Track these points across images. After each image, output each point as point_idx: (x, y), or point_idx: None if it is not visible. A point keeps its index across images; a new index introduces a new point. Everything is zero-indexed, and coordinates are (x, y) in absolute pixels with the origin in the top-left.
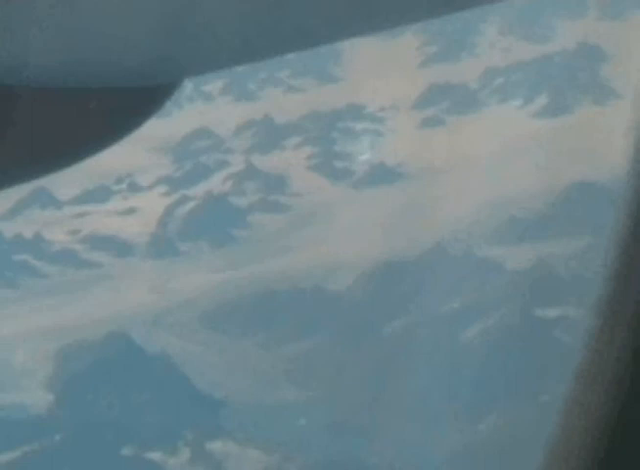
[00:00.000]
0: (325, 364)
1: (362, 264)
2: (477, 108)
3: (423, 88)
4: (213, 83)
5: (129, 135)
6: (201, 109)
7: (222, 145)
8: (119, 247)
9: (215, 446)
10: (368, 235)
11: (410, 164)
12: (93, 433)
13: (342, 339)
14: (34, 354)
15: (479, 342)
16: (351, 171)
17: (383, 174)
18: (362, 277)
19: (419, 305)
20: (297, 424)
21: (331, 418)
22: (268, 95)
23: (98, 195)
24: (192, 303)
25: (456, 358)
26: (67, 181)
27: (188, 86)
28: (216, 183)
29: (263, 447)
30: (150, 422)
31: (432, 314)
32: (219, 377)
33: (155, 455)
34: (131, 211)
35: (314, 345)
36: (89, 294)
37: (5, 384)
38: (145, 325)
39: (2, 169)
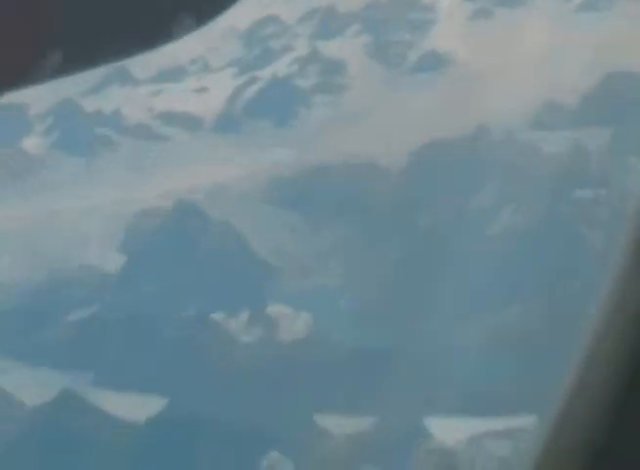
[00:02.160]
0: (364, 246)
1: (411, 144)
2: (524, 1)
3: None
4: None
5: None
6: None
7: (288, 31)
8: (191, 123)
9: (271, 309)
10: (417, 117)
11: (459, 53)
12: (160, 294)
13: (380, 224)
14: (109, 221)
15: (515, 221)
16: (405, 58)
17: (433, 61)
18: (410, 156)
19: (460, 184)
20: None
21: (367, 296)
22: None
23: (173, 75)
24: (254, 176)
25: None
26: (144, 62)
27: None
28: (282, 66)
29: (312, 312)
30: (213, 285)
31: (463, 203)
32: (275, 246)
33: (217, 316)
34: (203, 90)
35: (357, 225)
36: (161, 165)
37: (81, 247)
38: (211, 195)
39: (88, 51)
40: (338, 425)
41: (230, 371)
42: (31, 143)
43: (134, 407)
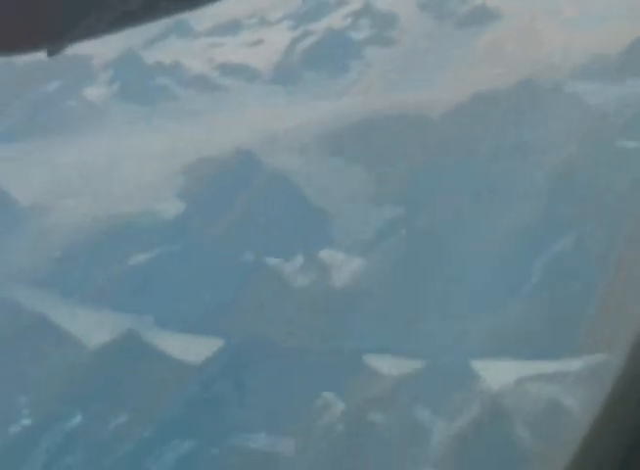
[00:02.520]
0: (416, 185)
1: (459, 95)
2: None
3: None
4: None
5: None
6: None
7: None
8: (248, 74)
9: (324, 253)
10: (465, 69)
11: (508, 7)
12: (217, 239)
13: (434, 167)
14: (169, 168)
15: (560, 168)
16: (455, 12)
17: (483, 15)
18: (459, 106)
19: (507, 134)
20: (396, 237)
21: (419, 234)
22: None
23: (230, 28)
24: (309, 125)
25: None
26: (202, 15)
27: None
28: (336, 19)
29: (365, 256)
30: (268, 230)
31: (517, 142)
32: (328, 193)
33: (272, 261)
34: (260, 42)
35: (409, 167)
36: (219, 114)
37: (141, 194)
38: (266, 143)
39: (149, 4)
40: (387, 367)
41: (284, 313)
42: (94, 92)
43: (191, 348)
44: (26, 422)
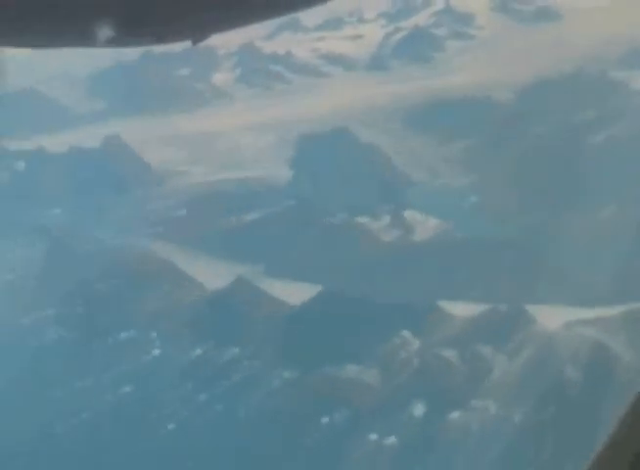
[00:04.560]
0: (486, 158)
1: (522, 81)
2: None
3: None
4: None
5: None
6: None
7: None
8: (348, 62)
9: (407, 214)
10: (530, 59)
11: (567, 7)
12: (318, 200)
13: (500, 140)
14: (279, 139)
15: (604, 147)
16: (523, 11)
17: (545, 14)
18: (521, 90)
19: (559, 113)
20: (467, 200)
21: (485, 200)
22: None
23: (334, 24)
24: (396, 104)
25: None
26: (312, 13)
27: None
28: (422, 18)
29: (442, 218)
30: (359, 193)
31: (568, 123)
32: (412, 160)
33: (362, 220)
34: (358, 36)
35: (478, 142)
36: (322, 96)
37: (253, 161)
38: (361, 120)
39: (271, 4)
40: (457, 310)
41: (373, 264)
42: (219, 78)
43: (293, 292)
44: (156, 352)
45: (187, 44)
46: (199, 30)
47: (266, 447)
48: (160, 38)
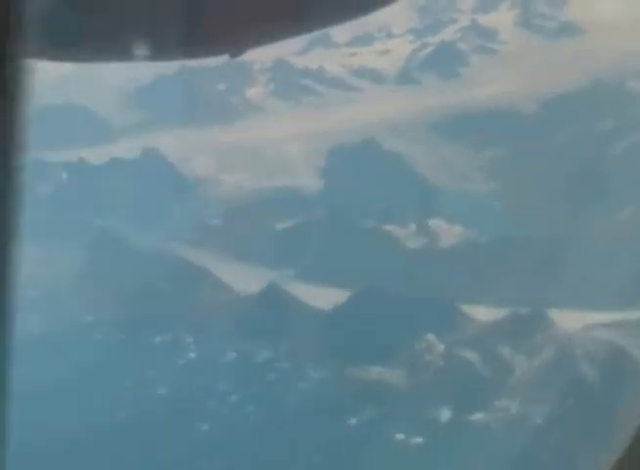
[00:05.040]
0: (510, 166)
1: (544, 93)
2: None
3: None
4: None
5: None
6: None
7: (454, 6)
8: (377, 76)
9: (432, 221)
10: (551, 72)
11: (586, 23)
12: (348, 207)
13: (523, 149)
14: (311, 150)
15: (622, 153)
16: (545, 27)
17: (567, 29)
18: (544, 102)
19: (580, 123)
20: (490, 207)
21: (509, 206)
22: None
23: (364, 40)
24: (423, 117)
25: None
26: (342, 29)
27: None
28: (448, 34)
29: (466, 225)
30: (386, 202)
31: (589, 132)
32: (437, 171)
33: (389, 227)
34: (386, 52)
35: (503, 151)
36: (353, 109)
37: (286, 171)
38: (389, 131)
39: (302, 21)
40: (479, 314)
41: (398, 270)
42: (254, 92)
43: (323, 297)
44: (192, 356)
45: (224, 58)
46: (237, 45)
47: (297, 446)
48: (201, 52)
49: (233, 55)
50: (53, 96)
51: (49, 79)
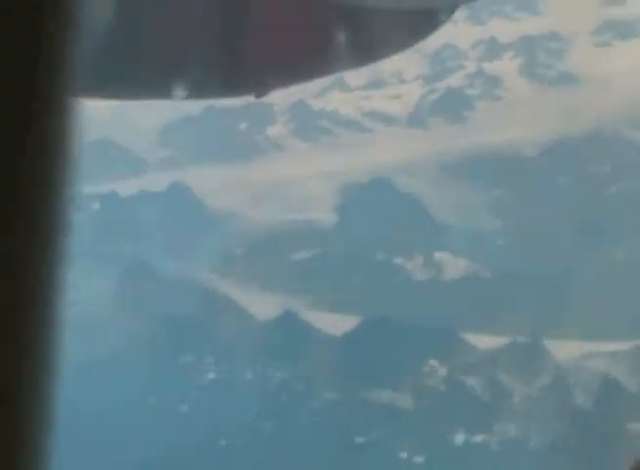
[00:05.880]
0: (513, 206)
1: (546, 139)
2: (637, 36)
3: (599, 21)
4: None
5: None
6: (449, 28)
7: (461, 55)
8: (388, 119)
9: (439, 255)
10: (552, 119)
11: (586, 73)
12: (359, 242)
13: (526, 190)
14: (327, 188)
15: (620, 199)
16: (547, 75)
17: (567, 78)
18: (545, 148)
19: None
20: (493, 244)
21: (512, 243)
22: (494, 23)
23: (377, 84)
24: (432, 158)
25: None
26: (357, 74)
27: None
28: (456, 80)
29: (471, 259)
30: (396, 236)
31: (586, 176)
32: (445, 209)
33: (398, 260)
34: (398, 96)
35: (506, 191)
36: (366, 149)
37: (304, 207)
38: (400, 171)
39: (319, 67)
40: (479, 342)
41: (405, 300)
42: (275, 131)
43: (335, 324)
44: (212, 376)
45: (247, 99)
46: (262, 86)
47: (308, 461)
48: (232, 92)
49: (258, 95)
50: (89, 132)
51: (87, 117)
